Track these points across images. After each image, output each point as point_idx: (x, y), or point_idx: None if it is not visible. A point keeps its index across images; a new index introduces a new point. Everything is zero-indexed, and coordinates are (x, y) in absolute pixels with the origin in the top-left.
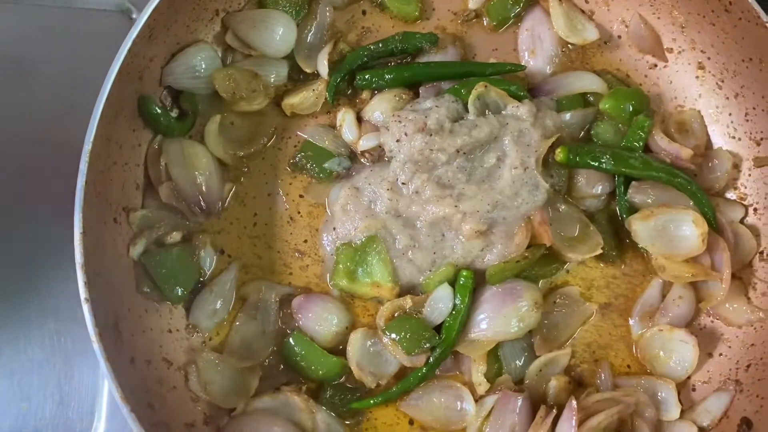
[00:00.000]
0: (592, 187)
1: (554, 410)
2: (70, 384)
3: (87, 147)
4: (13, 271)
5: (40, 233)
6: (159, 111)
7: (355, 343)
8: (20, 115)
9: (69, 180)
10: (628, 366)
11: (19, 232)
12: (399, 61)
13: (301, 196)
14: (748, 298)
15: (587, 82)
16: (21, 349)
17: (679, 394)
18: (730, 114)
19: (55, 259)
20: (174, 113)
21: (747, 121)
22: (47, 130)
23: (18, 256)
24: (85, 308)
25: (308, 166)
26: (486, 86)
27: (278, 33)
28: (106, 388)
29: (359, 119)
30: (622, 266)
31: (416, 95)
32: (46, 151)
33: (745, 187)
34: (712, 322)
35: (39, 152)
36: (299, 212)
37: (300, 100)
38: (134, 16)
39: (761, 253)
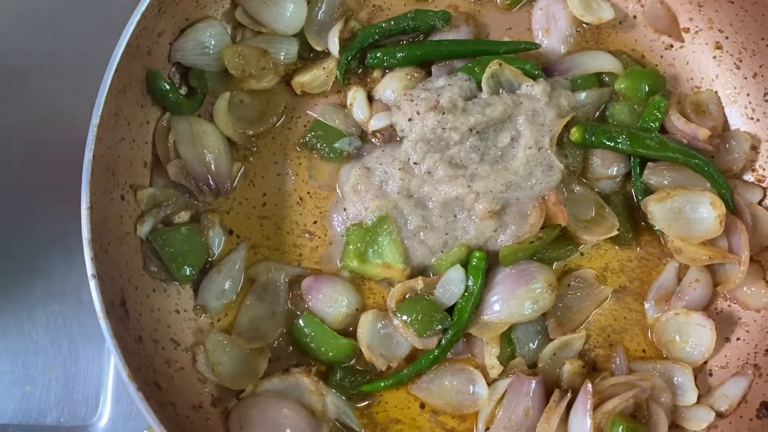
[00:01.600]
0: (608, 167)
1: (568, 394)
2: (75, 367)
3: (95, 121)
4: (19, 254)
5: (46, 216)
6: (168, 87)
7: (366, 324)
8: (25, 94)
9: (76, 162)
10: (644, 350)
11: (25, 215)
12: (411, 40)
13: (311, 176)
14: (766, 282)
15: (602, 62)
16: (26, 331)
17: (695, 379)
18: (748, 94)
19: (61, 242)
20: (183, 90)
21: (766, 101)
22: (54, 111)
23: (24, 238)
24: (92, 284)
25: (318, 145)
26: (500, 64)
27: (289, 10)
28: (112, 372)
29: (370, 98)
30: (638, 249)
31: (428, 74)
32: (52, 132)
33: (764, 169)
34: (729, 306)
35: (45, 133)
36: (309, 192)
37: (310, 78)
38: None
39: None
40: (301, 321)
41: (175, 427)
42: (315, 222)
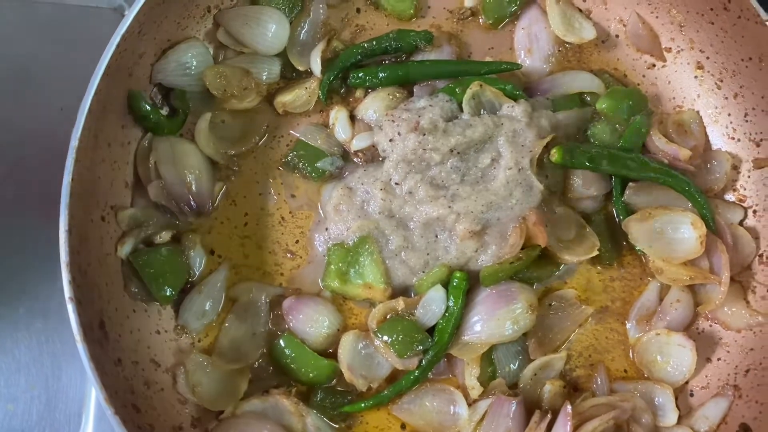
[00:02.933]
0: (589, 188)
1: (549, 415)
2: (57, 385)
3: (74, 143)
4: (2, 271)
5: (30, 233)
6: (149, 108)
7: (347, 345)
8: (9, 112)
9: (59, 179)
10: (625, 370)
11: (9, 232)
12: (393, 60)
13: (292, 196)
14: (747, 302)
15: (584, 82)
16: (8, 349)
17: (676, 399)
18: (729, 114)
19: (45, 260)
20: (164, 111)
21: (746, 121)
22: (37, 128)
23: (8, 256)
24: (70, 308)
25: (300, 165)
26: (481, 85)
27: (270, 30)
28: (94, 391)
29: (352, 118)
30: (620, 269)
31: (410, 94)
32: (36, 150)
33: (745, 189)
34: (711, 326)
35: (29, 151)
36: (291, 212)
37: (292, 98)
38: (126, 12)
39: (761, 255)
40: (281, 342)
41: None
42: (297, 242)
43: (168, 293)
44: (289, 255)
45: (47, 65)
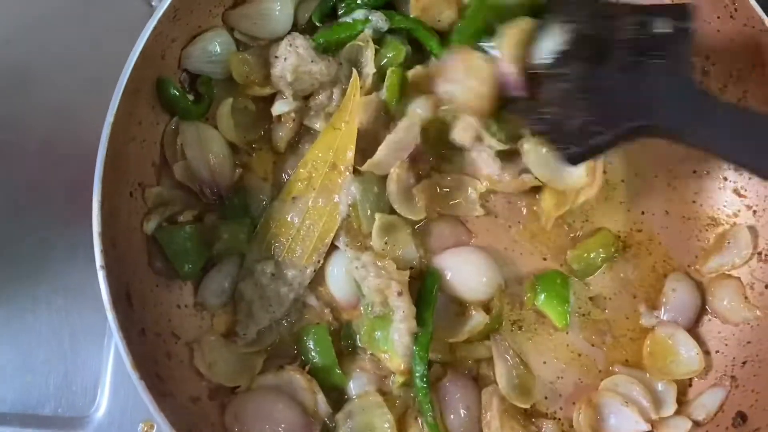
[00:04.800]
0: None
1: None
2: (75, 360)
3: (109, 119)
4: (26, 248)
5: (54, 212)
6: (177, 94)
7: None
8: (37, 94)
9: (84, 160)
10: (627, 360)
11: (34, 211)
12: None
13: None
14: (746, 297)
15: None
16: (29, 323)
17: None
18: None
19: (67, 238)
20: (191, 96)
21: None
22: (62, 111)
23: (32, 233)
24: (100, 276)
25: None
26: None
27: (276, 17)
28: (111, 365)
29: None
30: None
31: None
32: (62, 130)
33: (746, 190)
34: (710, 320)
35: (56, 131)
36: None
37: None
38: (154, 3)
39: (759, 254)
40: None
41: (174, 417)
42: None
43: (189, 269)
44: None
45: (74, 49)
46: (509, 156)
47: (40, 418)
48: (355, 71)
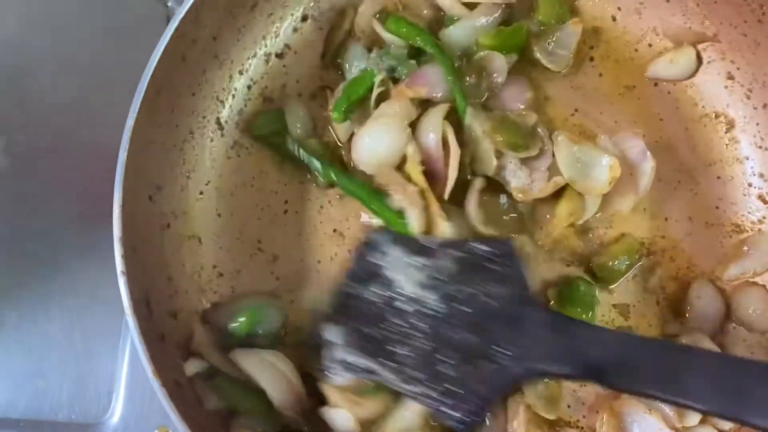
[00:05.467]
0: None
1: None
2: (88, 364)
3: (130, 123)
4: (38, 249)
5: (68, 214)
6: None
7: None
8: (54, 96)
9: (101, 162)
10: None
11: (48, 212)
12: None
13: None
14: None
15: None
16: (41, 326)
17: None
18: (757, 124)
19: (80, 240)
20: None
21: None
22: (79, 113)
23: (45, 234)
24: (121, 281)
25: None
26: None
27: None
28: (125, 370)
29: None
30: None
31: None
32: (79, 134)
33: None
34: (734, 328)
35: (72, 135)
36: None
37: None
38: (169, 3)
39: None
40: None
41: (195, 426)
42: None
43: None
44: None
45: (92, 51)
46: (532, 159)
47: (53, 425)
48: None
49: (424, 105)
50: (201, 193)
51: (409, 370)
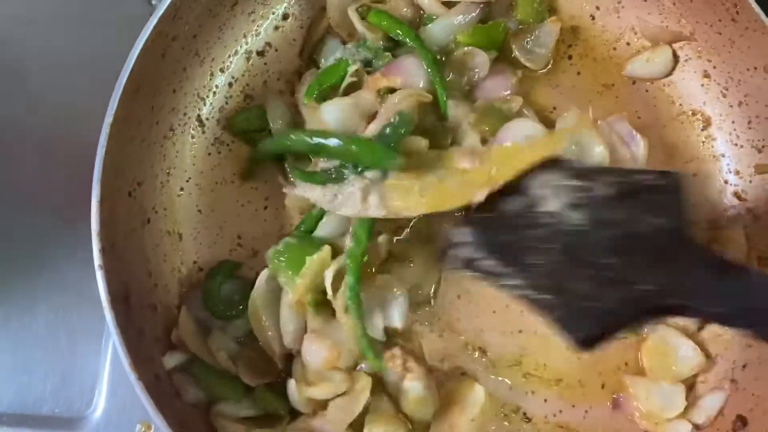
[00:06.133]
0: None
1: None
2: (73, 360)
3: (109, 119)
4: (24, 246)
5: (53, 210)
6: None
7: None
8: (36, 93)
9: (83, 158)
10: (626, 363)
11: (32, 208)
12: None
13: None
14: None
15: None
16: (26, 322)
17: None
18: (733, 122)
19: (66, 236)
20: None
21: (750, 128)
22: (61, 110)
23: (30, 231)
24: (99, 275)
25: None
26: None
27: None
28: (108, 365)
29: None
30: None
31: None
32: (61, 131)
33: (746, 193)
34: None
35: (54, 131)
36: None
37: None
38: (154, 1)
39: (759, 258)
40: None
41: (173, 419)
42: None
43: None
44: None
45: (73, 48)
46: None
47: (37, 419)
48: None
49: None
50: (181, 189)
51: (538, 278)
